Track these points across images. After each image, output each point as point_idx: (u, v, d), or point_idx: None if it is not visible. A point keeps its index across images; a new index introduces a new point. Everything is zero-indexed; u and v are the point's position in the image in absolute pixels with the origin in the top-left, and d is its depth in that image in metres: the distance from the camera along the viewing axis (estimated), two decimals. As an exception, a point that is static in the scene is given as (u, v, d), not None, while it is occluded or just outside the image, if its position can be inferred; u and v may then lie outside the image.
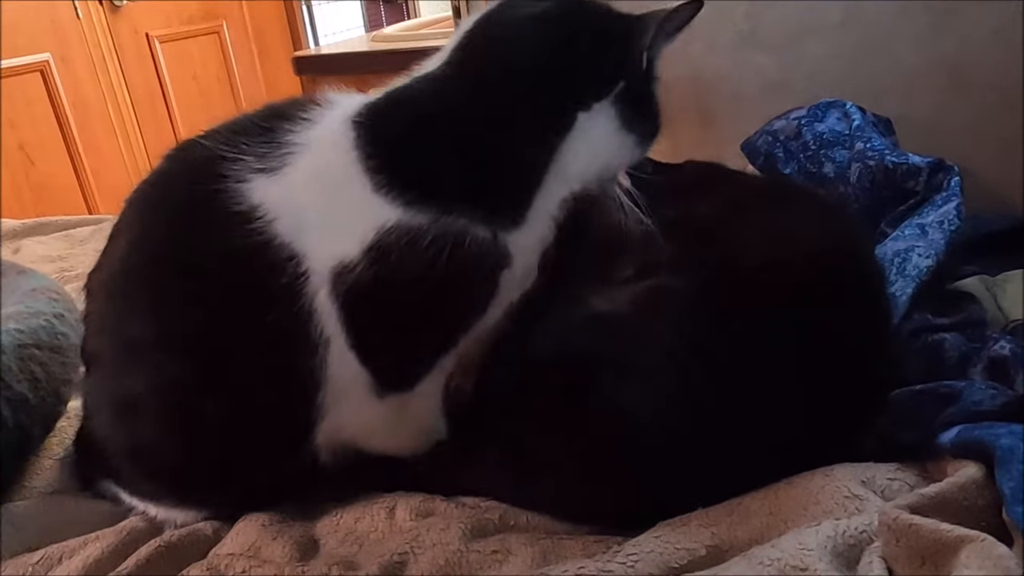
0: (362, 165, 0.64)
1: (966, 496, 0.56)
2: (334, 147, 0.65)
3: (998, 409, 0.64)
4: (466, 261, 0.64)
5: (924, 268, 0.84)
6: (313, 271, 0.63)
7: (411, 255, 0.62)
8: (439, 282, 0.64)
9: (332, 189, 0.65)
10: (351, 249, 0.63)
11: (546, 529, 0.68)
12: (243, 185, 0.64)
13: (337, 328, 0.65)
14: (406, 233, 0.63)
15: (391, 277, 0.63)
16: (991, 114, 1.22)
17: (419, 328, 0.68)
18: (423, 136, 0.66)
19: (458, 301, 0.67)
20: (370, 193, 0.63)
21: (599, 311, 0.74)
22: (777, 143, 1.13)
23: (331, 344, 0.65)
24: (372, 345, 0.66)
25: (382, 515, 0.71)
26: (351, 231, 0.63)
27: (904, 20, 1.26)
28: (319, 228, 0.63)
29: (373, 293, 0.63)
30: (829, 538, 0.56)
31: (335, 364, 0.66)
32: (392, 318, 0.66)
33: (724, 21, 1.39)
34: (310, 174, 0.65)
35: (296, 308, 0.63)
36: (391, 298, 0.65)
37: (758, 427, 0.65)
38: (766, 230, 0.77)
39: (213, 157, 0.65)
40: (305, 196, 0.64)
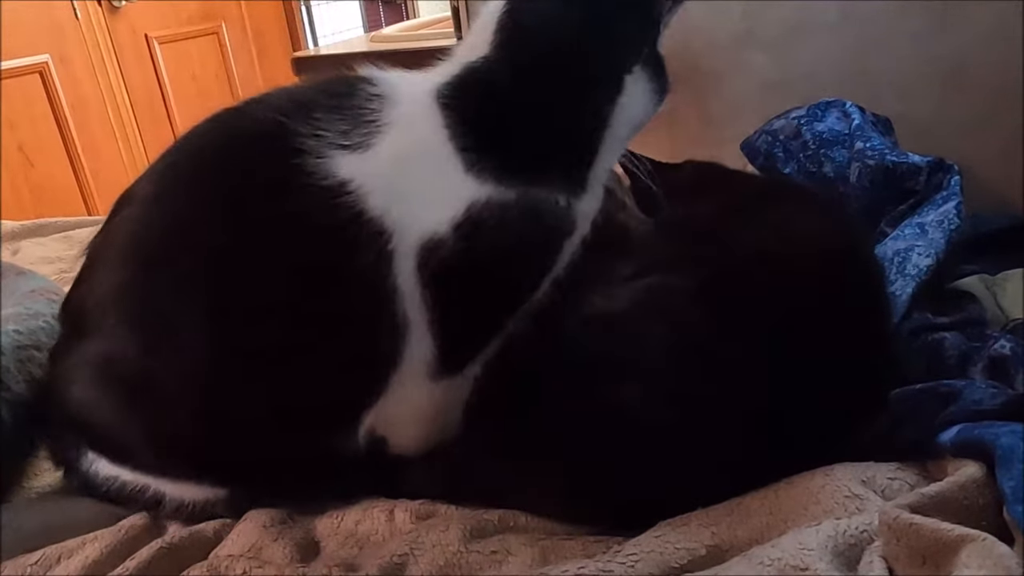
0: (453, 144, 0.66)
1: (966, 495, 0.56)
2: (423, 126, 0.67)
3: (998, 408, 0.64)
4: (546, 231, 0.68)
5: (924, 267, 0.84)
6: (399, 249, 0.64)
7: (500, 229, 0.65)
8: (521, 254, 0.68)
9: (423, 167, 0.67)
10: (441, 226, 0.65)
11: (546, 530, 0.68)
12: (327, 160, 0.64)
13: (418, 307, 0.66)
14: (496, 208, 0.65)
15: (479, 252, 0.65)
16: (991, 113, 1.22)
17: (493, 302, 0.70)
18: (504, 115, 0.69)
19: (531, 272, 0.70)
20: (462, 171, 0.66)
21: (599, 310, 0.74)
22: (777, 143, 1.13)
23: (411, 324, 0.66)
24: (450, 322, 0.67)
25: (382, 517, 0.71)
26: (441, 208, 0.65)
27: (903, 19, 1.26)
28: (409, 205, 0.65)
29: (459, 268, 0.65)
30: (829, 538, 0.56)
31: (411, 344, 0.67)
32: (473, 293, 0.68)
33: (722, 20, 1.39)
34: (400, 152, 0.66)
35: (381, 285, 0.64)
36: (476, 273, 0.67)
37: (758, 426, 0.65)
38: (766, 229, 0.77)
39: (283, 130, 0.65)
40: (395, 173, 0.65)
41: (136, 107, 2.73)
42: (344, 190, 0.63)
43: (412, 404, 0.71)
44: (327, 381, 0.67)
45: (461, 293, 0.67)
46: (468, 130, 0.67)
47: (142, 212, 0.69)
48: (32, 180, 2.38)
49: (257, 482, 0.74)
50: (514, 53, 0.69)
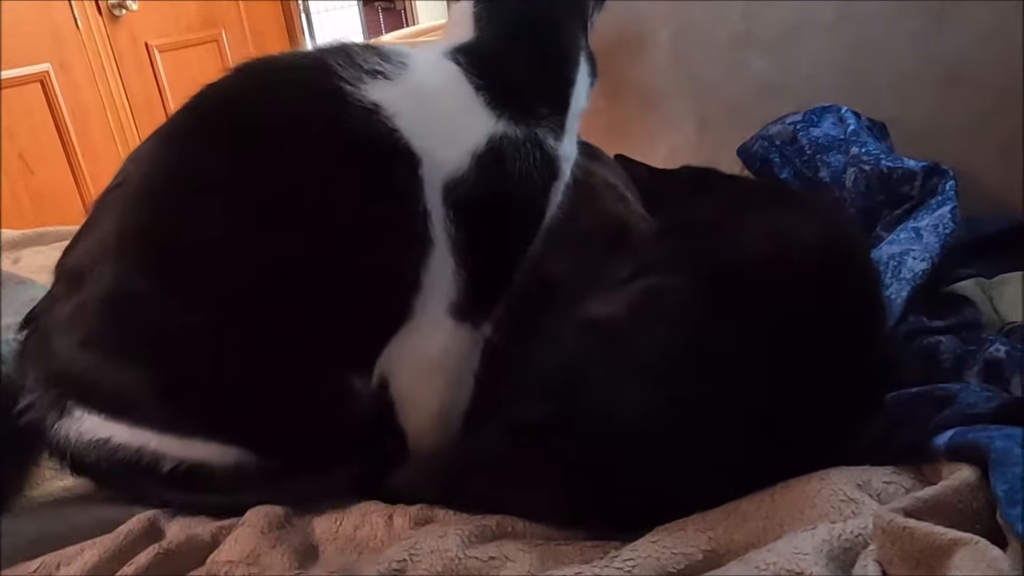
0: (472, 85, 0.77)
1: (960, 499, 0.56)
2: (443, 68, 0.78)
3: (992, 411, 0.64)
4: (545, 164, 0.78)
5: (919, 271, 0.84)
6: (427, 174, 0.71)
7: (512, 160, 0.75)
8: (528, 186, 0.77)
9: (447, 101, 0.76)
10: (464, 156, 0.73)
11: (543, 535, 0.69)
12: (360, 86, 0.70)
13: (443, 232, 0.72)
14: (510, 142, 0.75)
15: (496, 181, 0.74)
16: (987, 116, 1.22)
17: (507, 234, 0.77)
18: (501, 71, 0.79)
19: (534, 207, 0.79)
20: (480, 107, 0.76)
21: (596, 313, 0.74)
22: (773, 148, 1.13)
23: (435, 247, 0.71)
24: (471, 251, 0.73)
25: (380, 522, 0.71)
26: (464, 140, 0.73)
27: (899, 21, 1.26)
28: (435, 135, 0.72)
29: (480, 196, 0.72)
30: (824, 542, 0.56)
31: (434, 268, 0.72)
32: (490, 223, 0.75)
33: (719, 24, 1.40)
34: (422, 88, 0.74)
35: (412, 205, 0.70)
36: (493, 202, 0.74)
37: (755, 429, 0.65)
38: (762, 234, 0.77)
39: (322, 62, 0.72)
40: (420, 104, 0.72)
41: (136, 115, 2.73)
42: (378, 110, 0.70)
43: (429, 343, 0.74)
44: (354, 299, 0.69)
45: (480, 222, 0.73)
46: (484, 76, 0.77)
47: (166, 152, 0.72)
48: (33, 188, 2.39)
49: (268, 441, 0.72)
50: (497, 31, 0.82)
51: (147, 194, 0.70)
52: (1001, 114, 1.21)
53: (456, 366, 0.78)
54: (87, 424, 0.73)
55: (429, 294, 0.72)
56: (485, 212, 0.74)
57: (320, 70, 0.71)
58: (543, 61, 0.84)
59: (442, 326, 0.74)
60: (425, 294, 0.72)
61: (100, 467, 0.75)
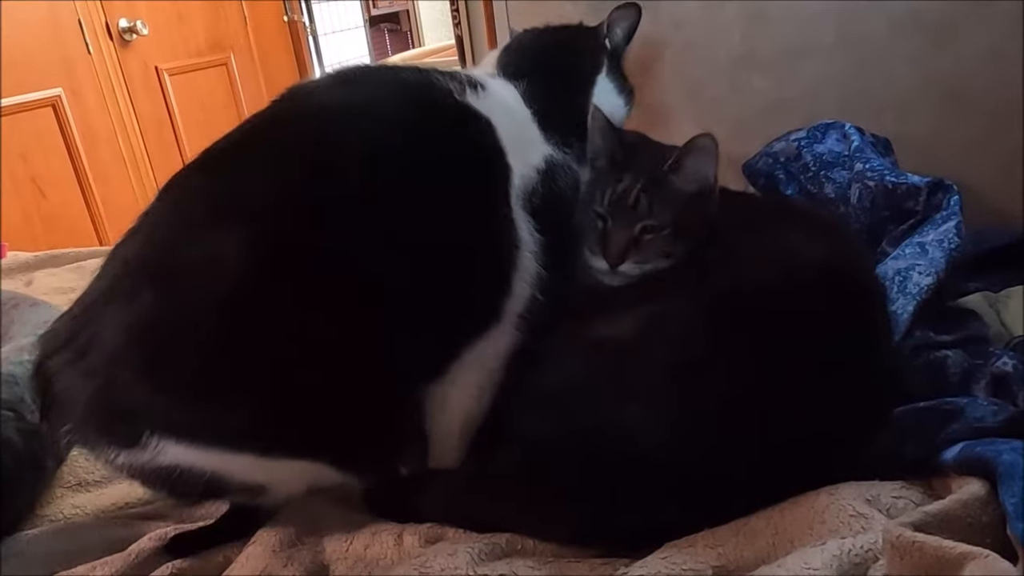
0: (530, 111, 0.88)
1: (969, 513, 0.56)
2: (507, 90, 0.88)
3: (1000, 425, 0.64)
4: (575, 183, 0.88)
5: (925, 286, 0.85)
6: (514, 183, 0.80)
7: (560, 178, 0.85)
8: (567, 199, 0.86)
9: (518, 122, 0.85)
10: (532, 170, 0.82)
11: (553, 552, 0.69)
12: (460, 98, 0.80)
13: (527, 236, 0.79)
14: (558, 162, 0.86)
15: (551, 194, 0.83)
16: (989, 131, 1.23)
17: (564, 245, 0.84)
18: (550, 100, 0.90)
19: (569, 217, 0.86)
20: (538, 131, 0.87)
21: (603, 335, 0.75)
22: (777, 164, 1.14)
23: (521, 252, 0.78)
24: (547, 254, 0.80)
25: (391, 541, 0.72)
26: (532, 156, 0.83)
27: (898, 40, 1.27)
28: (512, 147, 0.80)
29: (546, 208, 0.82)
30: (834, 557, 0.56)
31: (521, 272, 0.78)
32: (554, 231, 0.82)
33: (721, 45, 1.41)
34: (502, 105, 0.84)
35: (505, 211, 0.78)
36: (554, 214, 0.83)
37: (762, 446, 0.65)
38: (768, 250, 0.78)
39: (429, 77, 0.81)
40: (503, 119, 0.81)
41: (147, 138, 2.77)
42: (484, 121, 0.79)
43: (497, 347, 0.78)
44: (450, 301, 0.72)
45: (549, 231, 0.81)
46: (536, 106, 0.88)
47: (273, 162, 0.69)
48: (44, 211, 2.41)
49: (349, 453, 0.70)
50: (539, 68, 0.94)
51: (247, 205, 0.66)
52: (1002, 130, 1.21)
53: (499, 372, 0.80)
54: (167, 448, 0.65)
55: (517, 298, 0.78)
56: (551, 223, 0.81)
57: (424, 79, 0.81)
58: (558, 93, 0.93)
59: (508, 332, 0.79)
60: (515, 298, 0.78)
61: (177, 489, 0.70)
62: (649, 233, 0.81)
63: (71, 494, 0.89)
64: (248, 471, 0.68)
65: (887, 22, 1.27)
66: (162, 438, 0.64)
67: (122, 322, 0.63)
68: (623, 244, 0.81)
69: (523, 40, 1.04)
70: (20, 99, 2.31)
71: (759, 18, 1.37)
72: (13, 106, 2.30)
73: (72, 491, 0.90)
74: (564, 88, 0.95)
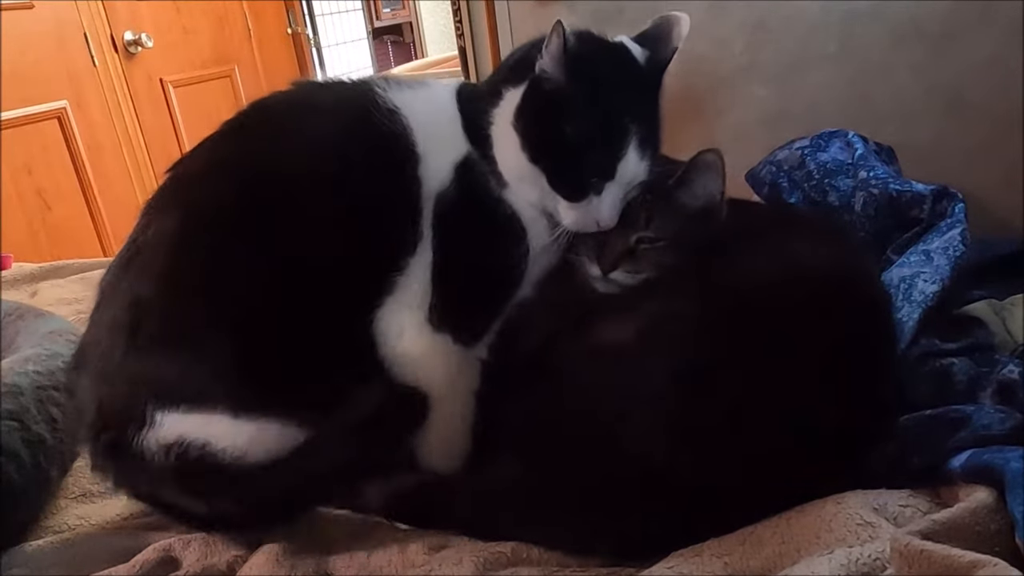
0: (459, 109, 0.85)
1: (977, 521, 0.56)
2: (446, 94, 0.87)
3: (1007, 432, 0.64)
4: (485, 188, 0.84)
5: (930, 294, 0.84)
6: (424, 175, 0.81)
7: (474, 177, 0.82)
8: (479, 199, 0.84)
9: (439, 120, 0.84)
10: (448, 163, 0.82)
11: (558, 562, 0.69)
12: (388, 93, 0.82)
13: (428, 228, 0.80)
14: (473, 163, 0.83)
15: (462, 191, 0.82)
16: (992, 139, 1.23)
17: (479, 255, 0.85)
18: (472, 104, 0.86)
19: (502, 242, 0.85)
20: (460, 129, 0.84)
21: (606, 339, 0.75)
22: (781, 173, 1.14)
23: (423, 239, 0.79)
24: (445, 257, 0.82)
25: (395, 549, 0.72)
26: (449, 151, 0.82)
27: (901, 50, 1.28)
28: (426, 139, 0.81)
29: (452, 203, 0.81)
30: (842, 566, 0.55)
31: (422, 255, 0.80)
32: (463, 237, 0.83)
33: (724, 55, 1.42)
34: (426, 102, 0.85)
35: (414, 198, 0.79)
36: (460, 208, 0.82)
37: (768, 454, 0.65)
38: (772, 258, 0.78)
39: (366, 84, 0.86)
40: (420, 113, 0.83)
41: (151, 150, 2.78)
42: (397, 112, 0.81)
43: (415, 341, 0.79)
44: (368, 247, 0.78)
45: (454, 233, 0.80)
46: (462, 107, 0.85)
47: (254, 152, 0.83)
48: (50, 223, 2.42)
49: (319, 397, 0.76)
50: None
51: (211, 180, 0.81)
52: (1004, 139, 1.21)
53: (445, 381, 0.81)
54: (163, 427, 0.74)
55: (415, 271, 0.79)
56: (459, 226, 0.80)
57: (360, 84, 0.86)
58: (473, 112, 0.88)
59: (423, 331, 0.80)
60: (416, 261, 0.79)
61: (171, 475, 0.75)
62: (645, 244, 0.81)
63: (76, 505, 0.89)
64: (229, 436, 0.74)
65: (889, 31, 1.28)
66: (158, 408, 0.74)
67: (110, 319, 0.76)
68: (617, 253, 0.81)
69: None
70: (25, 111, 2.33)
71: (761, 29, 1.38)
72: (19, 118, 2.31)
73: (77, 502, 0.90)
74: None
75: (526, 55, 0.82)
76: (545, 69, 0.77)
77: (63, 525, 0.86)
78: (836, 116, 1.26)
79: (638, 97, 0.82)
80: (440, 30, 4.17)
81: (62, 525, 0.86)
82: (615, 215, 0.80)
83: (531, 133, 0.79)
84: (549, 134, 0.79)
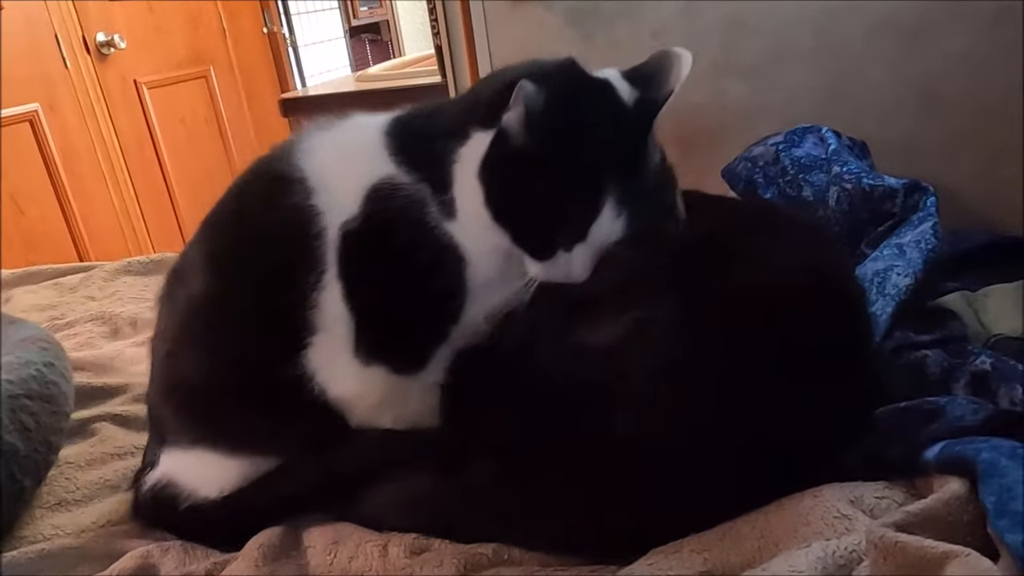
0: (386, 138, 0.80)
1: (951, 512, 0.57)
2: (369, 125, 0.82)
3: (980, 424, 0.65)
4: (406, 206, 0.78)
5: (903, 287, 0.85)
6: (327, 229, 0.78)
7: (395, 198, 0.77)
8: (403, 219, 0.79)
9: (352, 152, 0.81)
10: (354, 199, 0.77)
11: (540, 562, 0.69)
12: (298, 160, 0.80)
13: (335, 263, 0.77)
14: (392, 183, 0.77)
15: (376, 213, 0.77)
16: (965, 133, 1.25)
17: (398, 281, 0.82)
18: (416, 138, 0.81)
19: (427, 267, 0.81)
20: (384, 152, 0.78)
21: (587, 341, 0.75)
22: (756, 169, 1.15)
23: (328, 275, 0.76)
24: (359, 286, 0.80)
25: (375, 553, 0.71)
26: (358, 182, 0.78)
27: (875, 44, 1.29)
28: (333, 182, 0.78)
29: (361, 234, 0.78)
30: (819, 559, 0.56)
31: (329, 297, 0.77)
32: (377, 264, 0.81)
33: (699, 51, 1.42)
34: (338, 134, 0.84)
35: (321, 254, 0.76)
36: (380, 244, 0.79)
37: (746, 451, 0.65)
38: (748, 254, 0.78)
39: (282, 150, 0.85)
40: (332, 167, 0.80)
41: (126, 152, 2.74)
42: (303, 181, 0.77)
43: (344, 382, 0.78)
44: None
45: (357, 255, 0.76)
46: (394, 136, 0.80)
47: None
48: (23, 227, 2.39)
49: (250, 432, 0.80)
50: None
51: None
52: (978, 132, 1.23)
53: (385, 413, 0.79)
54: (158, 468, 0.85)
55: (327, 305, 0.76)
56: (368, 255, 0.76)
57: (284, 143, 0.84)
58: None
59: (351, 365, 0.77)
60: (325, 296, 0.76)
61: (155, 510, 0.85)
62: None
63: (50, 514, 0.88)
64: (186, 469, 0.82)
65: (863, 27, 1.29)
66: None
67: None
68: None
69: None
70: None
71: (737, 25, 1.39)
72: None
73: (51, 511, 0.89)
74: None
75: (499, 94, 0.72)
76: (509, 128, 0.70)
77: (38, 535, 0.84)
78: (811, 111, 1.27)
79: (619, 149, 0.74)
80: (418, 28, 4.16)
81: (37, 535, 0.84)
82: (586, 272, 0.74)
83: (495, 191, 0.72)
84: (514, 195, 0.73)
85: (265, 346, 0.78)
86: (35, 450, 0.86)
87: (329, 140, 0.81)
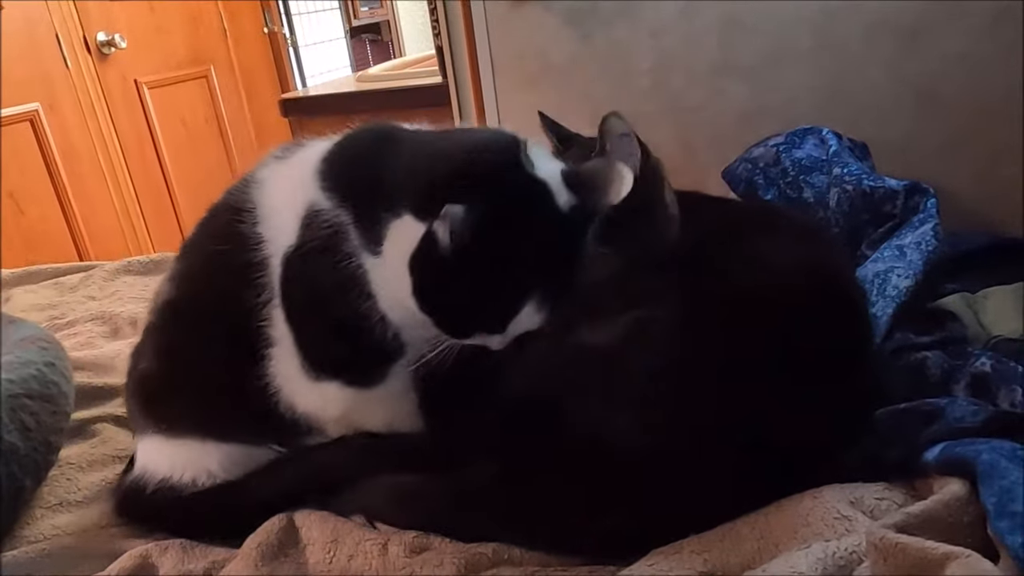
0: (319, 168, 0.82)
1: (951, 513, 0.57)
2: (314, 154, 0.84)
3: (980, 425, 0.65)
4: (332, 232, 0.81)
5: (903, 288, 0.86)
6: (272, 253, 0.82)
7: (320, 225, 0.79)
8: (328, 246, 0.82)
9: (292, 184, 0.83)
10: (294, 225, 0.81)
11: (540, 562, 0.69)
12: (252, 191, 0.84)
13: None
14: (319, 209, 0.79)
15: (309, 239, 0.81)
16: (964, 134, 1.25)
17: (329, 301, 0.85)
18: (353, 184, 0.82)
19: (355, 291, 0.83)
20: (313, 181, 0.81)
21: (586, 342, 0.75)
22: (757, 170, 1.15)
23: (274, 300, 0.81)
24: (296, 316, 0.84)
25: (375, 551, 0.71)
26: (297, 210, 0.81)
27: (873, 45, 1.29)
28: (279, 219, 0.82)
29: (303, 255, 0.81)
30: (819, 560, 0.56)
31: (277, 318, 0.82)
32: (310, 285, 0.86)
33: (698, 52, 1.43)
34: (289, 171, 0.86)
35: (268, 280, 0.80)
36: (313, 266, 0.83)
37: (746, 451, 0.65)
38: (749, 255, 0.78)
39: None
40: (274, 189, 0.84)
41: (126, 152, 2.74)
42: (252, 212, 0.82)
43: (307, 397, 0.82)
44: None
45: (293, 276, 0.80)
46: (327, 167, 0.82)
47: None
48: (23, 227, 2.39)
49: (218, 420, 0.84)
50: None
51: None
52: (976, 133, 1.23)
53: (351, 421, 0.83)
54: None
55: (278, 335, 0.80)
56: (302, 277, 0.80)
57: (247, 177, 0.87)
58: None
59: (304, 380, 0.81)
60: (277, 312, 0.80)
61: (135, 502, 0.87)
62: None
63: (51, 514, 0.88)
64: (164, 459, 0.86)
65: (862, 27, 1.29)
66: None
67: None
68: None
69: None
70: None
71: (735, 26, 1.39)
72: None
73: (52, 511, 0.89)
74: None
75: (434, 187, 0.72)
76: (437, 236, 0.70)
77: (38, 535, 0.84)
78: (811, 112, 1.27)
79: (549, 255, 0.74)
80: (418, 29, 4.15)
81: (37, 535, 0.84)
82: (501, 347, 0.76)
83: (421, 284, 0.73)
84: (439, 291, 0.73)
85: (230, 346, 0.82)
86: (35, 450, 0.86)
87: (279, 170, 0.85)
